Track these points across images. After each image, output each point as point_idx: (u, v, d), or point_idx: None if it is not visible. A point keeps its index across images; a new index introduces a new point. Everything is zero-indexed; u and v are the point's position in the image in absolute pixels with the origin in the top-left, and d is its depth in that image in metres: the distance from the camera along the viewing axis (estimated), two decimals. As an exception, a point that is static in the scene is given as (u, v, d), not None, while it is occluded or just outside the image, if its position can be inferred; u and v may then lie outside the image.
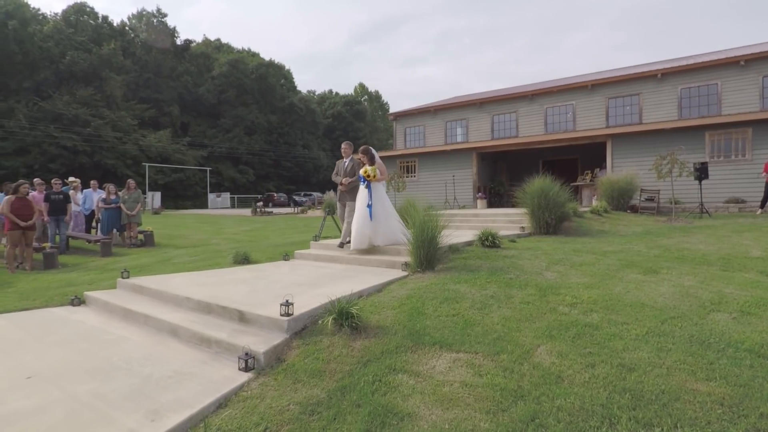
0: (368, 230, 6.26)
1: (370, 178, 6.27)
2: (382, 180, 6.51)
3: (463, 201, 17.29)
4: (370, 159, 6.43)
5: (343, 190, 6.97)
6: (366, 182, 6.34)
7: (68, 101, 38.40)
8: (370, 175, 6.27)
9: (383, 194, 6.48)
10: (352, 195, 6.72)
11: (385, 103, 76.95)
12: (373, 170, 6.28)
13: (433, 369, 2.89)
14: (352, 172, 6.78)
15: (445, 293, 4.31)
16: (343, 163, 7.03)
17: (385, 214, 6.33)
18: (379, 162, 6.45)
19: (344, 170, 6.95)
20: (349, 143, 7.15)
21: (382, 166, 6.50)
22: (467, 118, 21.21)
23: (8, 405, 2.71)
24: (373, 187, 6.30)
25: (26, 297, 5.84)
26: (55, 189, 10.09)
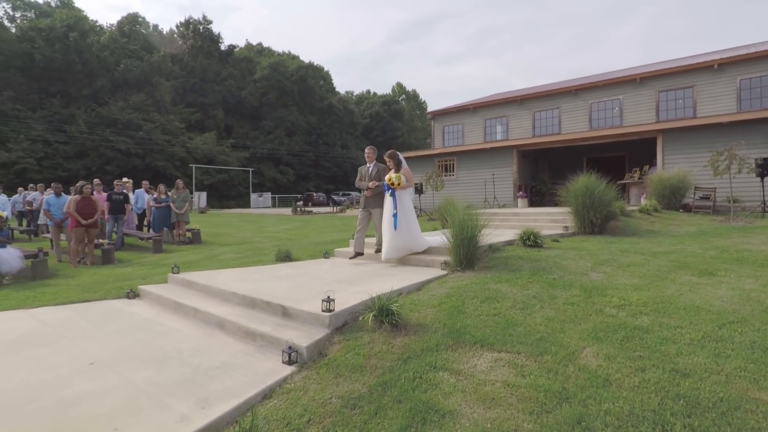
0: (396, 241, 6.01)
1: (395, 186, 5.94)
2: (408, 187, 6.15)
3: (502, 200, 16.96)
4: (397, 164, 6.12)
5: (368, 195, 6.58)
6: (390, 190, 6.01)
7: (122, 107, 40.68)
8: (394, 182, 5.93)
9: (408, 203, 6.16)
10: (377, 201, 6.46)
11: (422, 102, 76.68)
12: (397, 177, 5.93)
13: (474, 368, 2.87)
14: (377, 177, 6.45)
15: (486, 292, 4.25)
16: (366, 169, 6.69)
17: (408, 223, 6.03)
18: (405, 168, 6.14)
19: (368, 175, 6.61)
20: (373, 148, 6.82)
21: (408, 172, 6.17)
22: (507, 116, 20.78)
23: (75, 388, 2.92)
24: (398, 196, 5.98)
25: (87, 290, 6.25)
26: (117, 190, 10.73)
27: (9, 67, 36.10)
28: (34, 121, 35.87)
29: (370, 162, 6.68)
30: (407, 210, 6.08)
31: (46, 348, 3.80)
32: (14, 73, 36.53)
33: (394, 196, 5.99)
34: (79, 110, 38.81)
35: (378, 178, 6.40)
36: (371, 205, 6.59)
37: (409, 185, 6.15)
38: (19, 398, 2.82)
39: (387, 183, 6.00)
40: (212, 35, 52.07)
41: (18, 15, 43.22)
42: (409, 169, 6.21)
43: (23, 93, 36.83)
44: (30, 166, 33.58)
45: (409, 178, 6.13)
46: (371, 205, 6.59)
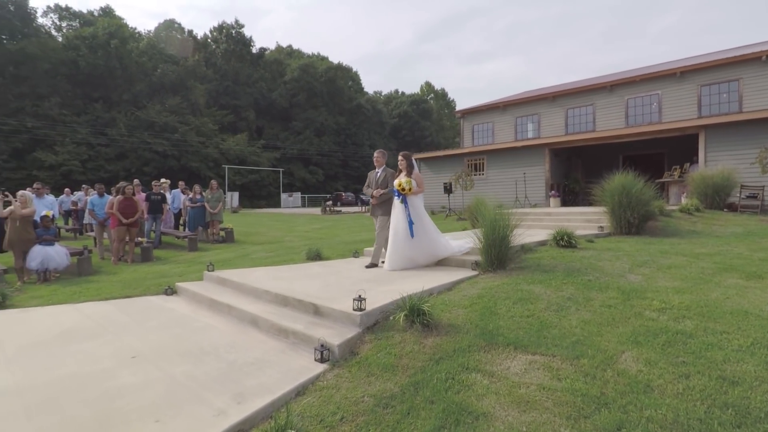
0: (408, 251, 5.66)
1: (405, 191, 5.61)
2: (420, 192, 5.84)
3: (534, 199, 16.61)
4: (409, 166, 5.82)
5: (374, 203, 6.24)
6: (401, 196, 5.67)
7: (159, 110, 42.18)
8: (405, 188, 5.59)
9: (421, 208, 5.83)
10: (384, 208, 6.13)
11: (451, 100, 76.05)
12: (408, 182, 5.60)
13: (507, 370, 2.82)
14: (385, 183, 6.08)
15: (518, 293, 4.18)
16: (375, 174, 6.32)
17: (424, 230, 5.74)
18: (416, 172, 5.86)
19: (376, 181, 6.25)
20: (383, 152, 6.41)
21: (419, 176, 5.87)
22: (539, 113, 20.34)
23: (119, 380, 3.05)
24: (410, 202, 5.67)
25: (128, 286, 6.51)
26: (155, 190, 11.14)
27: (56, 74, 38.03)
28: (79, 125, 37.66)
29: (379, 166, 6.31)
30: (422, 216, 5.77)
31: (91, 341, 3.99)
32: (61, 79, 38.45)
33: (405, 202, 5.67)
34: (119, 114, 40.50)
35: (385, 183, 6.07)
36: (378, 213, 6.24)
37: (420, 190, 5.83)
38: (68, 388, 2.96)
39: (397, 188, 5.67)
40: (244, 39, 53.28)
41: (64, 25, 45.52)
42: (420, 174, 5.94)
43: (69, 98, 38.72)
44: (75, 168, 35.29)
45: (420, 182, 5.82)
46: (378, 212, 6.25)
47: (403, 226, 5.64)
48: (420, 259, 5.77)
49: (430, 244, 5.77)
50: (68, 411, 2.64)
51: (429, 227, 5.84)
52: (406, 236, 5.63)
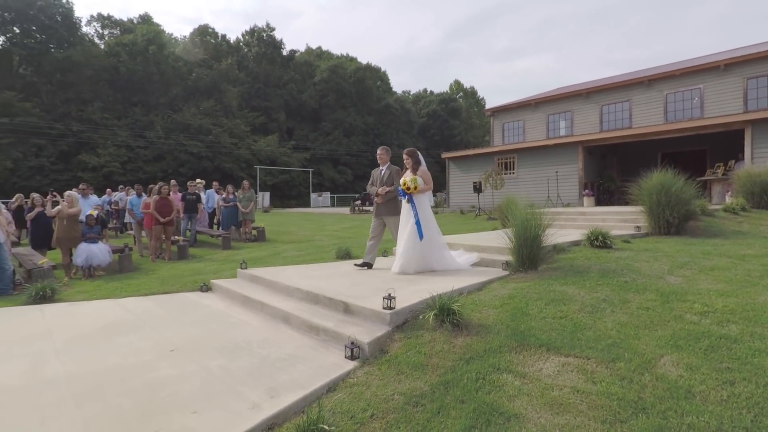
0: (419, 253, 5.38)
1: (410, 190, 5.32)
2: (426, 191, 5.53)
3: (567, 199, 16.21)
4: (415, 163, 5.55)
5: (378, 202, 5.98)
6: (406, 196, 5.39)
7: (194, 113, 43.51)
8: (410, 186, 5.30)
9: (427, 209, 5.53)
10: (388, 208, 5.88)
11: (480, 99, 75.09)
12: (413, 180, 5.32)
13: (540, 371, 2.77)
14: (390, 181, 5.83)
15: (551, 294, 4.10)
16: (379, 172, 6.08)
17: (429, 233, 5.42)
18: (423, 169, 5.56)
19: (380, 179, 5.98)
20: (386, 148, 6.16)
21: (427, 174, 5.56)
22: (572, 110, 19.82)
23: (159, 372, 3.18)
24: (417, 201, 5.39)
25: (166, 283, 6.76)
26: (190, 190, 11.53)
27: (99, 80, 39.84)
28: (119, 128, 39.31)
29: (383, 164, 6.08)
30: (427, 217, 5.46)
31: (133, 334, 4.17)
32: (103, 85, 40.26)
33: (412, 202, 5.38)
34: (157, 117, 42.02)
35: (390, 182, 5.80)
36: (383, 213, 5.98)
37: (428, 188, 5.53)
38: (112, 378, 3.11)
39: (401, 187, 5.39)
40: (275, 42, 54.26)
41: (106, 32, 47.63)
42: (427, 171, 5.62)
43: (110, 103, 40.48)
44: (115, 170, 36.86)
45: (428, 180, 5.52)
46: (383, 212, 5.98)
47: (411, 227, 5.37)
48: (432, 261, 5.45)
49: (430, 251, 5.45)
50: (112, 400, 2.77)
51: (434, 230, 5.53)
52: (414, 238, 5.35)
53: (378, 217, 6.07)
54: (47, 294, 5.92)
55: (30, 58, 37.75)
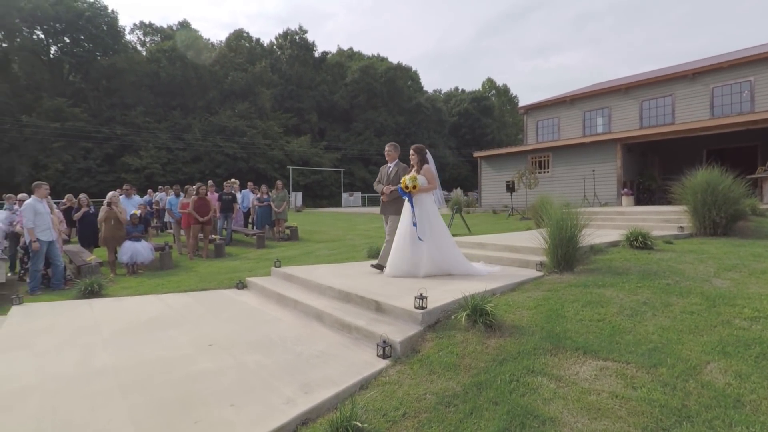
0: (410, 254, 5.14)
1: (409, 189, 5.06)
2: (429, 190, 5.28)
3: (604, 198, 15.68)
4: (421, 161, 5.32)
5: (384, 200, 5.77)
6: (407, 195, 5.15)
7: (230, 115, 44.74)
8: (408, 185, 5.04)
9: (431, 209, 5.25)
10: (396, 207, 5.60)
11: (513, 96, 73.66)
12: (412, 179, 5.05)
13: (576, 375, 2.70)
14: (397, 178, 5.55)
15: (588, 296, 3.98)
16: (387, 169, 5.86)
17: (432, 234, 5.15)
18: (427, 168, 5.30)
19: (387, 177, 5.77)
20: (394, 145, 5.91)
21: (430, 172, 5.30)
22: (610, 107, 19.15)
23: (198, 365, 3.30)
24: (417, 201, 5.15)
25: (204, 280, 6.99)
26: (226, 191, 11.88)
27: (141, 85, 41.58)
28: (160, 131, 40.88)
29: (391, 161, 5.84)
30: (431, 218, 5.19)
31: (173, 329, 4.34)
32: (145, 90, 42.00)
33: (411, 201, 5.15)
34: (194, 120, 43.45)
35: (397, 179, 5.55)
36: (389, 211, 5.75)
37: (431, 187, 5.27)
38: (155, 370, 3.25)
39: (401, 187, 5.14)
40: (307, 44, 55.05)
41: (147, 39, 49.67)
42: (432, 169, 5.35)
43: (151, 107, 42.17)
44: (156, 171, 38.36)
45: (431, 178, 5.26)
46: (389, 211, 5.75)
47: (407, 228, 5.15)
48: (424, 267, 5.13)
49: (438, 252, 5.14)
50: (155, 391, 2.90)
51: (439, 233, 5.23)
52: (408, 239, 5.12)
53: (385, 215, 5.90)
54: (95, 289, 6.24)
55: (79, 65, 39.82)
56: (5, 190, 18.02)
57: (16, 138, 33.07)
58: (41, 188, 7.24)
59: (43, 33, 38.70)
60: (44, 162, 33.41)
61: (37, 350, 3.87)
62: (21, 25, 36.44)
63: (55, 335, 4.33)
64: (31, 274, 7.01)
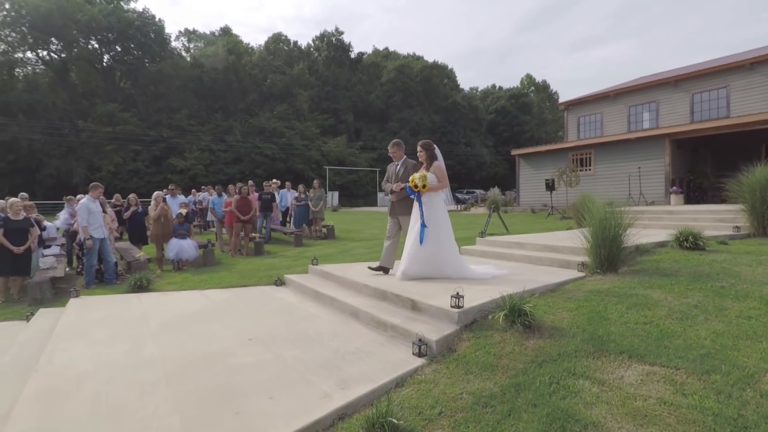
0: (421, 255, 4.91)
1: (419, 188, 4.80)
2: (440, 189, 5.01)
3: (651, 196, 14.97)
4: (430, 158, 5.04)
5: (393, 200, 5.51)
6: (415, 194, 4.90)
7: (269, 117, 45.91)
8: (418, 184, 4.79)
9: (441, 209, 5.00)
10: (406, 206, 5.30)
11: (553, 92, 71.57)
12: (422, 178, 4.80)
13: (621, 379, 2.59)
14: (405, 176, 5.30)
15: (633, 298, 3.82)
16: (394, 167, 5.61)
17: (439, 235, 4.91)
18: (437, 165, 5.02)
19: (395, 175, 5.53)
20: (398, 142, 5.66)
21: (441, 170, 5.01)
22: (657, 100, 18.26)
23: (239, 359, 3.40)
24: (427, 201, 4.91)
25: (244, 276, 7.20)
26: (265, 190, 12.20)
27: (185, 89, 43.36)
28: (203, 133, 42.47)
29: (398, 159, 5.58)
30: (440, 219, 4.95)
31: (215, 323, 4.50)
32: (189, 94, 43.77)
33: (420, 201, 4.90)
34: (235, 122, 44.87)
35: (406, 177, 5.28)
36: (398, 212, 5.48)
37: (441, 186, 5.00)
38: (198, 362, 3.38)
39: (410, 185, 4.87)
40: (343, 45, 55.67)
41: (192, 46, 51.79)
42: (443, 166, 5.06)
43: (195, 110, 43.90)
44: (199, 172, 39.88)
45: (441, 177, 4.99)
46: (398, 211, 5.48)
47: (416, 230, 4.91)
48: (428, 270, 4.95)
49: (439, 256, 4.92)
50: (199, 381, 3.01)
51: (446, 235, 4.99)
52: (416, 241, 4.90)
53: (393, 216, 5.61)
54: (144, 284, 6.57)
55: (129, 72, 42.02)
56: (64, 191, 19.21)
57: (73, 142, 35.27)
58: (96, 189, 7.69)
59: (97, 43, 41.06)
60: (98, 164, 35.44)
61: (92, 340, 4.12)
62: (78, 36, 38.81)
63: (108, 326, 4.58)
64: (87, 269, 7.46)
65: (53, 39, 38.09)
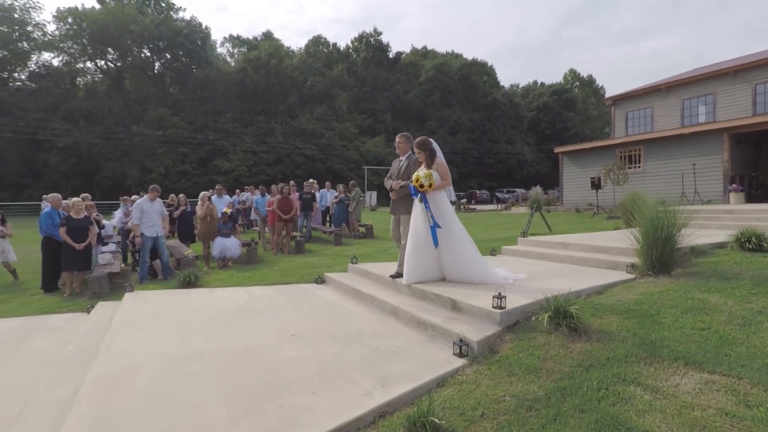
0: (432, 261, 4.69)
1: (423, 188, 4.47)
2: (444, 187, 4.73)
3: (707, 195, 14.09)
4: (429, 155, 4.68)
5: (393, 198, 5.16)
6: (419, 194, 4.57)
7: (309, 118, 46.82)
8: (423, 184, 4.45)
9: (446, 208, 4.71)
10: (406, 205, 4.98)
11: (599, 87, 68.78)
12: (427, 176, 4.46)
13: (676, 387, 2.45)
14: (407, 173, 4.95)
15: (689, 302, 3.61)
16: (398, 162, 5.22)
17: (452, 237, 4.63)
18: (440, 162, 4.71)
19: (398, 171, 5.13)
20: (406, 135, 5.22)
21: (444, 167, 4.71)
22: (715, 92, 17.16)
23: (282, 354, 3.49)
24: (432, 201, 4.60)
25: (286, 274, 7.37)
26: (306, 190, 12.45)
27: (230, 93, 44.97)
28: (246, 135, 43.88)
29: (403, 154, 5.18)
30: (447, 218, 4.65)
31: (259, 319, 4.63)
32: (233, 98, 45.35)
33: (425, 200, 4.57)
34: (277, 124, 46.06)
35: (407, 174, 4.95)
36: (399, 210, 5.12)
37: (445, 184, 4.71)
38: (243, 356, 3.49)
39: (413, 184, 4.54)
40: (381, 45, 55.91)
41: (236, 51, 53.62)
42: (444, 163, 4.76)
43: (239, 113, 45.42)
44: (243, 173, 41.23)
45: (445, 174, 4.68)
46: (399, 210, 5.12)
47: (424, 231, 4.62)
48: (449, 273, 4.75)
49: (461, 257, 4.65)
50: (244, 375, 3.11)
51: (458, 233, 4.71)
52: (425, 244, 4.62)
53: (395, 215, 5.27)
54: (192, 280, 6.85)
55: (177, 78, 44.07)
56: (120, 192, 20.34)
57: (127, 145, 37.36)
58: (153, 191, 8.15)
59: (149, 51, 43.33)
60: (149, 166, 37.36)
61: (146, 332, 4.34)
62: (132, 45, 41.12)
63: (160, 320, 4.82)
64: (141, 265, 7.89)
65: (110, 49, 40.54)
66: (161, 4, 46.69)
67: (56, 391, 3.31)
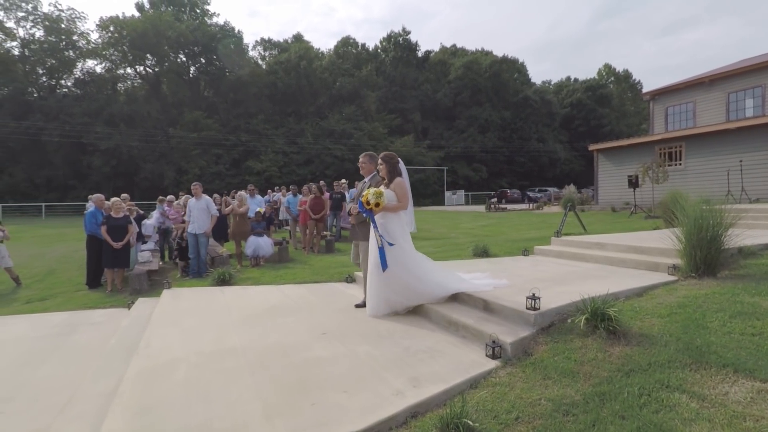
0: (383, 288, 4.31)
1: (371, 206, 4.06)
2: (398, 210, 4.31)
3: (755, 193, 13.35)
4: (391, 172, 4.35)
5: (352, 222, 4.89)
6: (368, 213, 4.18)
7: (338, 119, 47.24)
8: (371, 201, 4.04)
9: (396, 231, 4.28)
10: (364, 231, 4.62)
11: (636, 82, 66.27)
12: (376, 195, 4.06)
13: (725, 396, 2.33)
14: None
15: (737, 306, 3.42)
16: (363, 184, 4.88)
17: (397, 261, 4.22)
18: (400, 182, 4.34)
19: (360, 192, 4.80)
20: (371, 155, 4.85)
21: (402, 188, 4.33)
22: (764, 84, 16.24)
23: (314, 352, 3.52)
24: (381, 224, 4.23)
25: (316, 273, 7.45)
26: (336, 190, 12.57)
27: (261, 95, 45.92)
28: (277, 136, 44.70)
29: (367, 174, 4.78)
30: (398, 240, 4.26)
31: (291, 317, 4.69)
32: (264, 100, 46.29)
33: (374, 222, 4.21)
34: (307, 125, 46.71)
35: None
36: (358, 236, 4.79)
37: (400, 206, 4.30)
38: (276, 353, 3.55)
39: (362, 202, 4.14)
40: (410, 45, 55.75)
41: (267, 54, 54.68)
42: (405, 184, 4.39)
43: (270, 115, 46.33)
44: (274, 173, 42.02)
45: (402, 196, 4.31)
46: (358, 235, 4.79)
47: (374, 256, 4.26)
48: (396, 301, 4.34)
49: (406, 282, 4.26)
50: (277, 372, 3.16)
51: (407, 258, 4.32)
52: (378, 269, 4.22)
53: (355, 240, 4.95)
54: (226, 278, 7.03)
55: (211, 82, 45.36)
56: (157, 192, 21.10)
57: (164, 147, 38.75)
58: (194, 188, 8.59)
59: (185, 56, 44.77)
60: (185, 167, 38.60)
61: (183, 327, 4.48)
62: (168, 51, 42.60)
63: (196, 316, 4.96)
64: (191, 262, 8.23)
65: (148, 55, 42.15)
66: (196, 10, 48.12)
67: (100, 382, 3.46)
